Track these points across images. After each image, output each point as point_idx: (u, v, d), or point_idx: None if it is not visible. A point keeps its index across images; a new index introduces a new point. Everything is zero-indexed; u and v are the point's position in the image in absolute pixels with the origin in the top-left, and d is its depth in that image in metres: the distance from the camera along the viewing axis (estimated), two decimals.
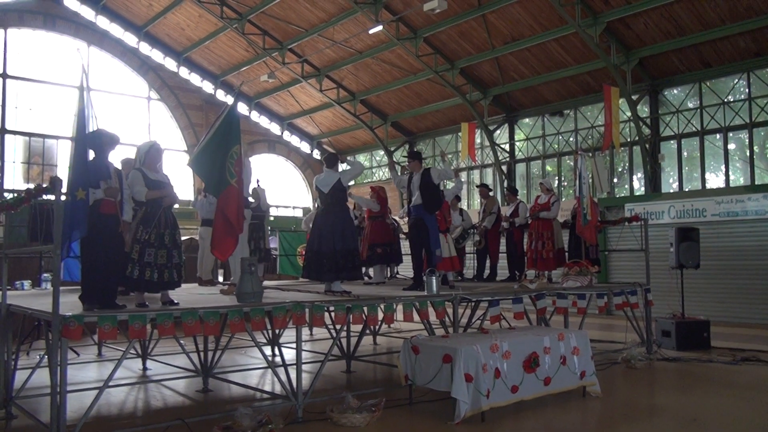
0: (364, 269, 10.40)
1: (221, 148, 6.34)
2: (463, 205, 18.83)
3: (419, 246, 8.37)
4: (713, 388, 7.41)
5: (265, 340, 9.92)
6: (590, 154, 17.50)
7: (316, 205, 11.21)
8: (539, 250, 10.77)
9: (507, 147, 20.91)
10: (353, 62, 20.93)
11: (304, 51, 21.42)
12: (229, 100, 6.94)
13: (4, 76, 20.84)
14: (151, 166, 6.18)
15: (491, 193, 12.05)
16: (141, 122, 23.77)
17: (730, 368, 8.43)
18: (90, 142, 5.65)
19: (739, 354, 9.27)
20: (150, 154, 6.20)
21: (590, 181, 10.57)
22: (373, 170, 26.04)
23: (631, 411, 6.43)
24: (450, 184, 10.63)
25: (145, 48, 23.63)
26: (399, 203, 21.90)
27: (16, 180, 20.96)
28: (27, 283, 9.90)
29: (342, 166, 7.85)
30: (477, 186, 12.15)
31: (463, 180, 10.98)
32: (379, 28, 17.91)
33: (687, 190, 16.26)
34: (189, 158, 6.84)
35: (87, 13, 22.40)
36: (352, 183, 8.82)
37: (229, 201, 6.28)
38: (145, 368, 8.79)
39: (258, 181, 10.16)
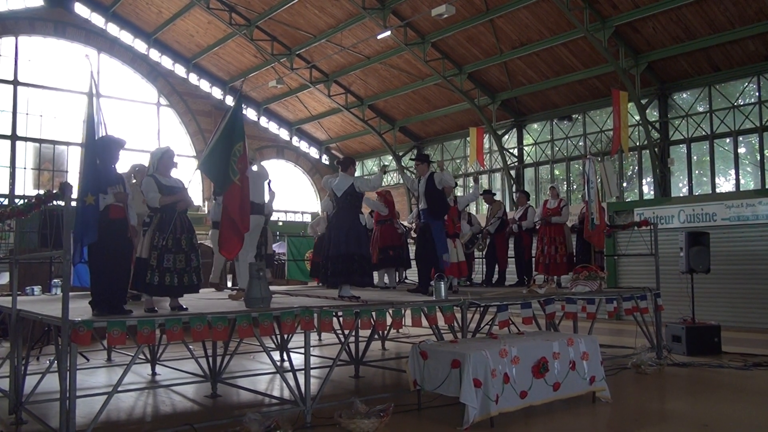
0: (375, 274, 10.35)
1: (226, 148, 6.35)
2: (471, 209, 18.79)
3: (424, 250, 8.34)
4: (724, 394, 7.35)
5: (273, 346, 9.93)
6: (599, 159, 17.47)
7: (323, 210, 11.25)
8: (552, 255, 10.74)
9: (515, 152, 20.87)
10: (361, 67, 20.98)
11: (312, 56, 21.49)
12: (241, 103, 6.92)
13: (15, 83, 21.01)
14: (164, 172, 6.21)
15: (496, 198, 12.04)
16: (150, 128, 23.91)
17: (742, 373, 8.36)
18: (98, 148, 5.67)
19: (751, 359, 9.19)
20: (163, 160, 6.23)
21: (599, 185, 10.53)
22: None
23: (641, 417, 6.39)
24: (458, 191, 10.60)
25: (154, 54, 23.79)
26: (407, 208, 21.90)
27: (26, 186, 21.11)
28: (37, 289, 9.95)
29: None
30: (480, 194, 12.13)
31: (481, 191, 10.97)
32: (387, 33, 17.95)
33: (697, 194, 16.18)
34: (198, 162, 6.86)
35: (97, 20, 22.58)
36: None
37: (232, 199, 6.29)
38: (154, 373, 8.81)
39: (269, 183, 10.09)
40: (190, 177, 6.91)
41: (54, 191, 5.55)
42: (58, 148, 21.69)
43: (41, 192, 5.81)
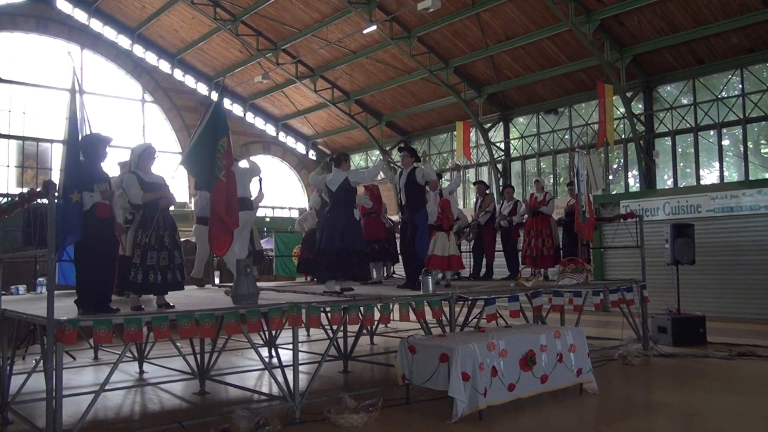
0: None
1: (210, 144, 6.31)
2: (459, 203, 18.84)
3: (408, 245, 8.35)
4: (709, 384, 7.43)
5: (261, 342, 9.91)
6: (585, 152, 17.55)
7: (311, 207, 11.21)
8: (540, 248, 10.78)
9: (502, 145, 20.93)
10: (347, 62, 20.92)
11: (298, 51, 21.41)
12: (223, 98, 6.88)
13: None
14: (145, 169, 6.16)
15: (488, 191, 12.05)
16: (135, 125, 23.73)
17: (726, 363, 8.45)
18: (83, 145, 5.63)
19: (735, 349, 9.30)
20: (143, 157, 6.18)
21: (586, 178, 10.58)
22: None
23: (627, 407, 6.45)
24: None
25: (138, 50, 23.60)
26: (396, 202, 21.90)
27: (9, 184, 20.90)
28: (22, 288, 9.86)
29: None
30: (474, 183, 12.14)
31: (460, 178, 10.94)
32: (373, 27, 17.91)
33: (681, 186, 16.30)
34: (181, 158, 6.80)
35: (80, 15, 22.35)
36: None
37: (218, 195, 6.26)
38: (141, 371, 8.77)
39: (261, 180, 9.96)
40: (172, 173, 6.86)
41: (38, 189, 5.50)
42: (41, 146, 21.48)
43: (25, 190, 5.76)
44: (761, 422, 5.79)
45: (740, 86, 15.58)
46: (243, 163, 8.31)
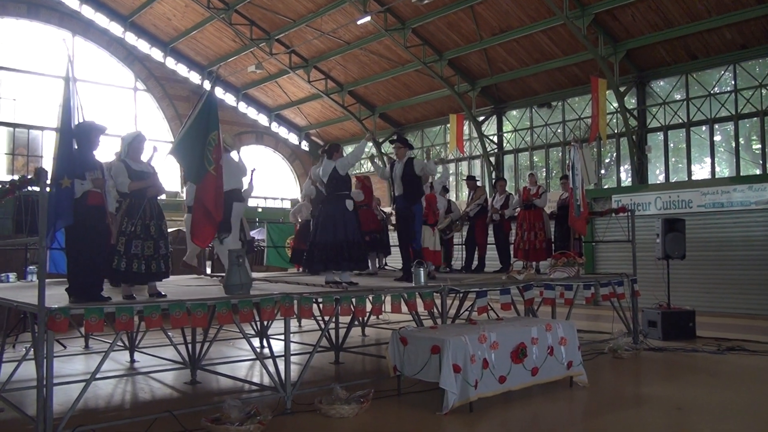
0: None
1: (200, 136, 6.27)
2: (452, 196, 18.84)
3: (404, 236, 8.37)
4: (698, 378, 7.49)
5: (253, 332, 9.91)
6: (579, 145, 17.55)
7: (304, 197, 11.19)
8: (532, 241, 10.82)
9: (495, 138, 20.94)
10: (341, 53, 20.84)
11: (291, 41, 21.31)
12: (215, 89, 6.83)
13: None
14: (135, 157, 6.13)
15: (479, 184, 12.07)
16: (127, 113, 23.57)
17: (715, 358, 8.52)
18: (76, 133, 5.59)
19: (724, 344, 9.37)
20: (133, 145, 6.15)
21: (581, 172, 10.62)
22: (362, 161, 25.96)
23: (617, 400, 6.49)
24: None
25: (131, 38, 23.40)
26: (389, 195, 21.91)
27: (0, 171, 20.74)
28: (12, 276, 9.83)
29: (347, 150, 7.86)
30: (464, 179, 12.18)
31: (451, 171, 10.96)
32: (368, 18, 17.85)
33: (673, 181, 16.37)
34: (171, 147, 6.76)
35: (71, 2, 22.11)
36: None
37: (207, 189, 6.23)
38: (132, 360, 8.75)
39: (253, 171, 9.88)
40: (162, 162, 6.81)
41: (29, 176, 5.46)
42: (32, 133, 21.32)
43: (15, 177, 5.71)
44: (749, 416, 5.84)
45: (733, 82, 15.64)
46: (234, 155, 8.23)
